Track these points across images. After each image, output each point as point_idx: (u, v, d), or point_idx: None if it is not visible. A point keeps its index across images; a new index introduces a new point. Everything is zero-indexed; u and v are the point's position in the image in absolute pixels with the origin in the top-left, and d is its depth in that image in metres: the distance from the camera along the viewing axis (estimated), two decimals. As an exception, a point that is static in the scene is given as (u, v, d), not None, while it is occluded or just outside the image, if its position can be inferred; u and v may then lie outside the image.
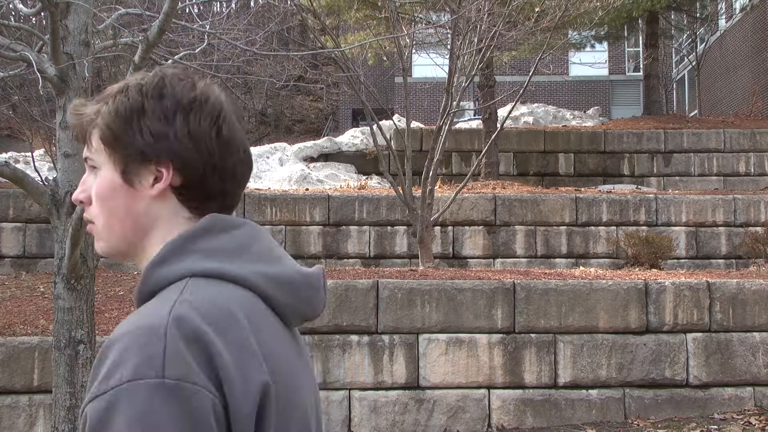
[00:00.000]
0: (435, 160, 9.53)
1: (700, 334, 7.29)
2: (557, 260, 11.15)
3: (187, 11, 10.22)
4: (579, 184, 14.51)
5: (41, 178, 6.22)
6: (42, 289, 8.45)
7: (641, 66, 25.10)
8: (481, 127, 14.97)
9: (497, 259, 11.12)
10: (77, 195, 1.21)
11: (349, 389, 7.06)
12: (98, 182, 1.18)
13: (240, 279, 1.13)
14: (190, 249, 1.14)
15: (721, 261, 11.33)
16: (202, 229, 1.17)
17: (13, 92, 10.82)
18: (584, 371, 7.16)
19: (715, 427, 6.75)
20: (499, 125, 11.38)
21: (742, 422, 6.83)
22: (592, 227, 11.28)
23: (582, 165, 15.38)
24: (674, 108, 27.97)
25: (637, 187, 13.89)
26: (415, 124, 14.59)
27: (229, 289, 1.10)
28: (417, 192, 9.83)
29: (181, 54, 6.40)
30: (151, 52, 4.50)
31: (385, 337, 7.11)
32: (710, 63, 23.80)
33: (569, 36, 16.94)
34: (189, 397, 0.96)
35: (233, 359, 1.01)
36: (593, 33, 19.65)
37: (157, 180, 1.16)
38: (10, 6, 7.00)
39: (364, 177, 15.03)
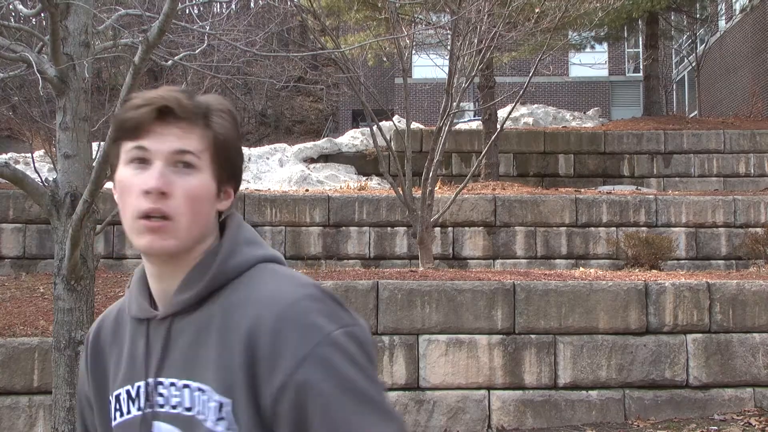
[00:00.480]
0: (435, 161, 9.53)
1: (700, 335, 7.29)
2: (557, 261, 11.15)
3: (187, 12, 10.23)
4: (579, 185, 14.52)
5: (41, 179, 6.22)
6: (42, 290, 8.45)
7: (641, 67, 25.12)
8: (481, 128, 14.97)
9: (497, 260, 11.12)
10: (161, 185, 1.20)
11: (349, 390, 7.04)
12: (196, 184, 1.24)
13: (281, 260, 1.35)
14: (247, 242, 1.31)
15: (721, 262, 11.33)
16: (240, 224, 1.34)
17: (13, 93, 10.82)
18: (584, 372, 7.16)
19: (715, 428, 6.75)
20: (499, 126, 11.39)
21: (742, 423, 6.82)
22: (592, 228, 11.28)
23: (582, 166, 15.38)
24: (674, 109, 27.98)
25: (637, 188, 13.89)
26: (415, 125, 14.60)
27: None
28: (417, 193, 9.84)
29: (181, 55, 6.40)
30: (151, 52, 4.50)
31: (385, 338, 7.11)
32: (710, 64, 23.80)
33: (569, 37, 16.94)
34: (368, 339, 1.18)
35: None
36: (593, 34, 19.67)
37: (225, 197, 1.30)
38: (10, 7, 7.00)
39: (364, 178, 15.04)
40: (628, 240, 10.28)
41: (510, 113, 10.97)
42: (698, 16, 22.54)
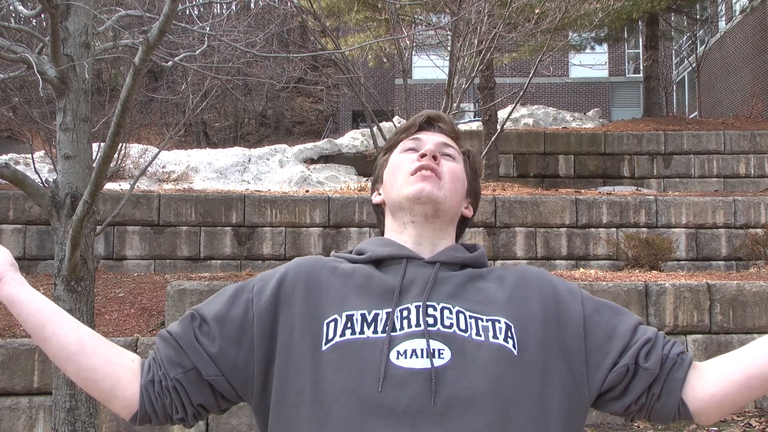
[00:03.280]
0: (435, 161, 9.50)
1: (700, 336, 7.29)
2: (557, 262, 11.14)
3: (188, 13, 10.23)
4: (579, 186, 14.51)
5: (41, 179, 6.23)
6: (42, 291, 8.41)
7: (641, 68, 25.13)
8: (481, 128, 14.97)
9: (497, 261, 11.12)
10: (435, 150, 1.49)
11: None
12: (460, 168, 1.55)
13: None
14: None
15: (721, 263, 11.33)
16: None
17: (14, 94, 10.82)
18: (584, 373, 7.15)
19: (716, 428, 6.74)
20: (499, 127, 11.39)
21: (742, 424, 6.83)
22: (592, 229, 11.28)
23: (582, 167, 15.39)
24: (674, 110, 27.98)
25: (637, 189, 13.89)
26: (415, 126, 14.56)
27: None
28: (417, 194, 9.81)
29: (181, 56, 6.40)
30: (152, 53, 4.50)
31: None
32: (710, 65, 23.81)
33: (569, 38, 16.94)
34: None
35: None
36: (593, 35, 19.69)
37: (467, 209, 1.60)
38: (11, 8, 7.01)
39: (365, 179, 15.03)
40: (628, 241, 10.28)
41: (510, 114, 10.97)
42: (698, 17, 22.56)
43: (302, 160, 15.98)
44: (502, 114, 14.90)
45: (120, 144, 7.64)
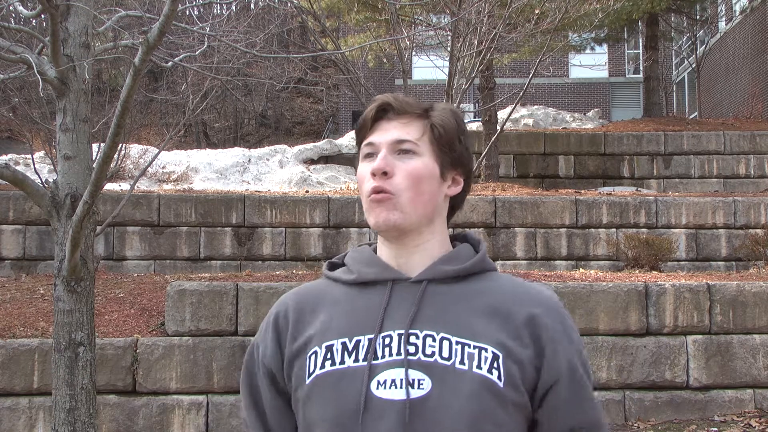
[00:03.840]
0: (435, 162, 9.50)
1: (700, 336, 7.29)
2: (557, 262, 11.14)
3: (188, 13, 10.24)
4: (579, 186, 14.51)
5: (41, 180, 6.23)
6: (42, 292, 8.45)
7: (641, 68, 25.12)
8: (481, 129, 14.97)
9: (497, 261, 11.12)
10: (384, 166, 1.40)
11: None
12: (417, 165, 1.41)
13: None
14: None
15: (721, 263, 11.32)
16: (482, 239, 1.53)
17: (14, 94, 10.82)
18: (584, 373, 7.15)
19: (716, 429, 6.74)
20: (499, 127, 11.39)
21: (742, 424, 6.82)
22: (592, 229, 11.27)
23: (582, 167, 15.38)
24: (674, 110, 27.97)
25: (637, 189, 13.89)
26: (415, 126, 14.56)
27: None
28: (417, 194, 9.81)
29: (181, 56, 6.40)
30: (152, 54, 4.50)
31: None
32: (710, 65, 23.81)
33: (569, 38, 16.94)
34: None
35: None
36: (593, 35, 19.67)
37: (453, 184, 1.47)
38: (11, 8, 7.01)
39: (364, 179, 15.00)
40: (628, 241, 10.27)
41: (510, 114, 10.97)
42: (698, 17, 22.55)
43: (302, 161, 15.98)
44: (502, 114, 14.89)
45: (120, 144, 7.64)
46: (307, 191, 12.77)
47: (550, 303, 1.43)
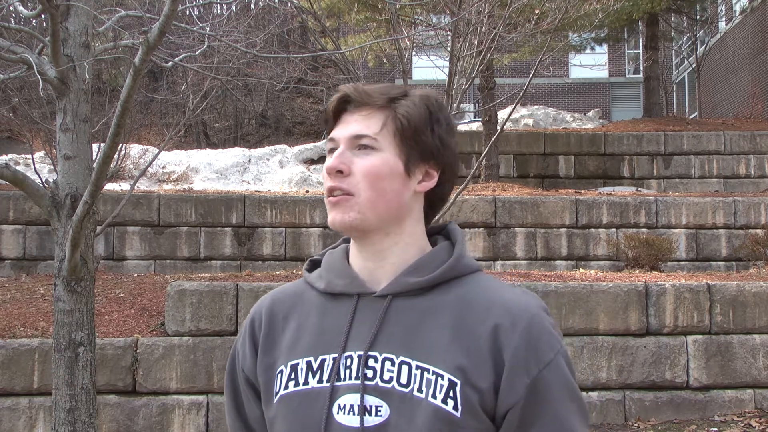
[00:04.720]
0: (435, 162, 9.50)
1: (700, 336, 7.29)
2: (557, 262, 11.14)
3: (188, 13, 10.24)
4: (579, 186, 14.51)
5: (41, 180, 6.22)
6: (42, 292, 8.45)
7: (641, 68, 25.11)
8: (481, 129, 14.97)
9: (497, 261, 11.12)
10: (338, 165, 1.31)
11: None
12: (376, 162, 1.31)
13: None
14: (467, 249, 1.38)
15: (721, 263, 11.33)
16: (462, 234, 1.41)
17: (14, 94, 10.82)
18: (584, 373, 7.16)
19: (716, 429, 6.74)
20: (499, 127, 11.38)
21: (742, 424, 6.82)
22: (592, 229, 11.28)
23: (582, 167, 15.38)
24: (674, 110, 27.97)
25: (637, 189, 13.89)
26: (415, 127, 14.55)
27: None
28: (417, 194, 9.80)
29: (181, 56, 6.40)
30: (152, 54, 4.50)
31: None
32: (710, 65, 23.81)
33: (569, 38, 16.93)
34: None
35: None
36: (593, 35, 19.66)
37: (425, 178, 1.35)
38: (11, 8, 7.01)
39: (365, 179, 15.01)
40: (628, 241, 10.28)
41: (510, 114, 10.95)
42: (698, 17, 22.55)
43: (302, 161, 15.98)
44: (502, 114, 14.89)
45: (120, 144, 7.64)
46: (307, 191, 12.77)
47: (520, 312, 1.27)
